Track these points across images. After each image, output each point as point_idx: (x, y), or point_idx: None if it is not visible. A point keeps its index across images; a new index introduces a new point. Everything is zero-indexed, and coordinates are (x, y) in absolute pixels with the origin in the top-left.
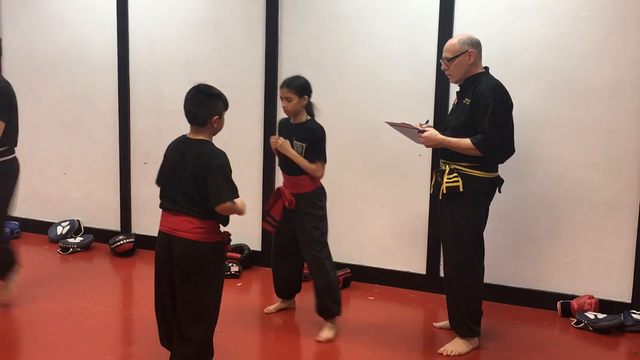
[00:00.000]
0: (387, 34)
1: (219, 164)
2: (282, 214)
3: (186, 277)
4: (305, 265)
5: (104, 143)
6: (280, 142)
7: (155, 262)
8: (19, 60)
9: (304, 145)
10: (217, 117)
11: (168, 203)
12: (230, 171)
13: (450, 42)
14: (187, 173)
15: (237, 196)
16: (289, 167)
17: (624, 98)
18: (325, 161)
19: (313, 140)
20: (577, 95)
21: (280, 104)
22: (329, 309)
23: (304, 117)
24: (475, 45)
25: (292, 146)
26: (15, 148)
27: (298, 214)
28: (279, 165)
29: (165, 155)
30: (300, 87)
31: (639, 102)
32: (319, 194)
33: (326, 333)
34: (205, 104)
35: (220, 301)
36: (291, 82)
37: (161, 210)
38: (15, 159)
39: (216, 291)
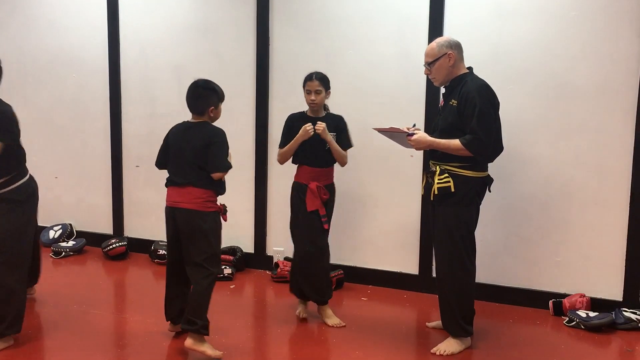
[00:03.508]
0: (378, 37)
1: (218, 139)
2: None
3: (189, 238)
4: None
5: (96, 147)
6: (323, 127)
7: (166, 233)
8: (9, 65)
9: (335, 135)
10: (212, 107)
11: (175, 178)
12: (226, 145)
13: (430, 47)
14: (192, 147)
15: (228, 169)
16: (321, 159)
17: (612, 97)
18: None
19: (342, 130)
20: (566, 95)
21: (272, 106)
22: (323, 293)
23: (323, 110)
24: (454, 46)
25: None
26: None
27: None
28: (304, 159)
29: (167, 139)
30: (327, 81)
31: (627, 102)
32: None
33: (332, 319)
34: (201, 97)
35: (220, 254)
36: (318, 75)
37: (167, 187)
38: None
39: (216, 245)
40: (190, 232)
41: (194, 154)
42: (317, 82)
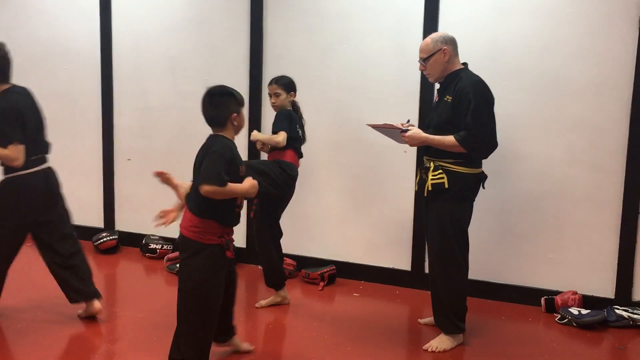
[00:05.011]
0: (372, 32)
1: (214, 148)
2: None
3: (181, 269)
4: None
5: (87, 140)
6: (253, 133)
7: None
8: None
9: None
10: (235, 114)
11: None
12: (223, 157)
13: (424, 42)
14: (197, 165)
15: (221, 183)
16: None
17: (608, 95)
18: (284, 131)
19: (276, 118)
20: (562, 92)
21: (265, 101)
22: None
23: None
24: (449, 42)
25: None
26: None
27: None
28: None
29: None
30: (288, 84)
31: (622, 99)
32: (278, 166)
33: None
34: (221, 105)
35: (208, 315)
36: (279, 80)
37: None
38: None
39: (200, 299)
40: (181, 263)
41: (196, 173)
42: (275, 86)
